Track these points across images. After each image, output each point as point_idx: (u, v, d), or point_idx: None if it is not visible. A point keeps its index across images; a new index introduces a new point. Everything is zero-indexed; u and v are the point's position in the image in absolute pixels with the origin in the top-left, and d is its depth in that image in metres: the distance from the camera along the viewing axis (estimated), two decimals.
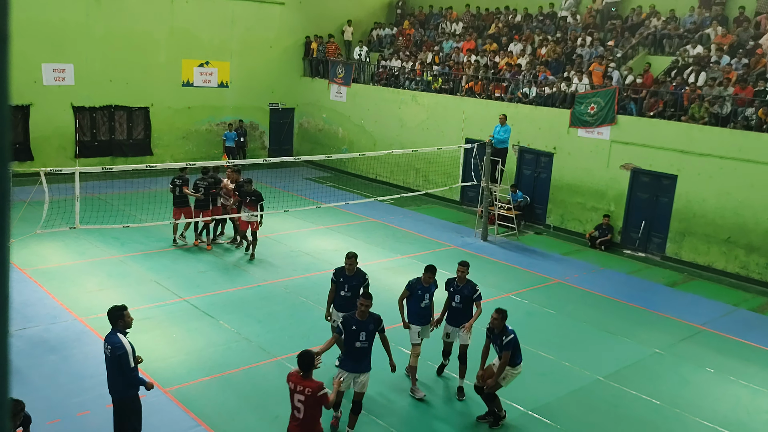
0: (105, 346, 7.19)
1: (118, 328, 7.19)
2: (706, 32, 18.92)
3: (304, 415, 6.66)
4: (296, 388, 6.68)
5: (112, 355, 7.04)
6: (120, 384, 7.17)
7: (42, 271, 13.34)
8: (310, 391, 6.61)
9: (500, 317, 8.63)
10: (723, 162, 15.64)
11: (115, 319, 7.21)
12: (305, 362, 6.70)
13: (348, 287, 9.75)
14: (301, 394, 6.64)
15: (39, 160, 20.74)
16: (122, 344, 7.04)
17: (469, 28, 24.87)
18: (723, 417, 9.56)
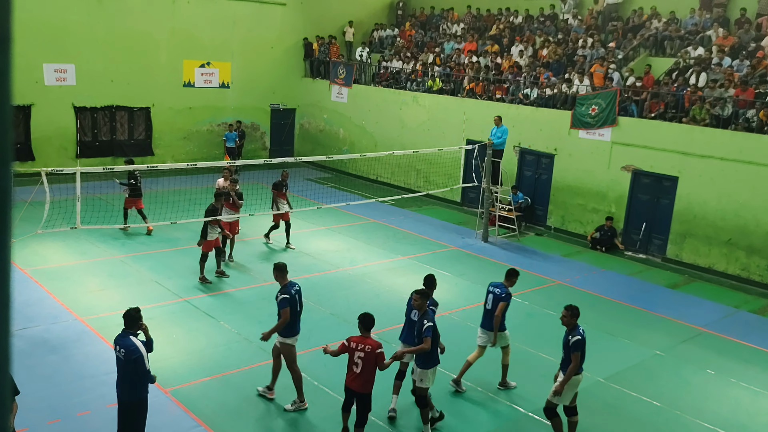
0: (117, 349, 7.07)
1: (131, 330, 7.09)
2: (707, 34, 18.92)
3: (362, 369, 7.76)
4: (357, 346, 7.78)
5: (126, 358, 6.93)
6: (132, 387, 7.08)
7: (43, 271, 13.35)
8: (370, 348, 7.73)
9: (569, 314, 8.16)
10: (724, 164, 15.63)
11: (133, 322, 7.12)
12: (367, 322, 7.87)
13: None
14: (361, 351, 7.74)
15: (40, 160, 20.75)
16: (137, 347, 6.94)
17: (470, 29, 24.89)
18: (724, 419, 9.55)
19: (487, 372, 10.48)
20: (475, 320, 12.37)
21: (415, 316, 8.73)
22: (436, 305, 9.23)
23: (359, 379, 7.80)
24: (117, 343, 7.11)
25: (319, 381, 9.78)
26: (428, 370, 8.34)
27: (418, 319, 8.48)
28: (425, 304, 8.39)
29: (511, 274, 9.81)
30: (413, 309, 8.84)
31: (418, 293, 8.43)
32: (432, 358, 8.35)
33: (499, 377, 10.16)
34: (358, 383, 7.82)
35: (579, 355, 8.05)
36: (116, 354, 7.10)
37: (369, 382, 7.85)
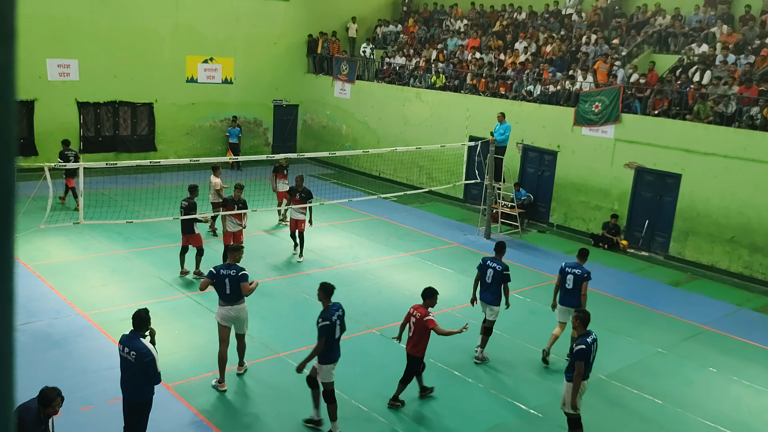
0: (125, 351, 6.97)
1: (141, 332, 7.04)
2: (712, 31, 18.86)
3: (413, 333, 8.74)
4: (414, 312, 8.78)
5: (137, 361, 6.87)
6: (141, 388, 7.06)
7: (46, 266, 13.37)
8: (420, 315, 8.65)
9: (577, 321, 8.13)
10: (727, 161, 15.60)
11: (143, 324, 7.05)
12: (429, 294, 8.81)
13: None
14: (414, 318, 8.73)
15: (43, 156, 20.75)
16: (149, 350, 6.91)
17: (473, 25, 24.84)
18: (725, 417, 9.55)
19: (489, 369, 10.49)
20: (476, 317, 12.38)
21: None
22: None
23: (412, 342, 8.78)
24: (125, 344, 7.01)
25: None
26: (324, 366, 8.21)
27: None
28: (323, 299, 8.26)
29: (583, 254, 10.65)
30: None
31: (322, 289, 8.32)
32: (327, 356, 8.20)
33: (501, 374, 10.16)
34: (409, 346, 8.85)
35: (581, 364, 7.88)
36: (123, 355, 7.02)
37: (417, 347, 8.76)
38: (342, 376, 9.88)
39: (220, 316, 9.17)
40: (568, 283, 10.33)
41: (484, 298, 10.53)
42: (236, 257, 9.32)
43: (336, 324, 8.20)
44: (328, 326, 8.09)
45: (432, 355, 10.71)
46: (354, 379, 9.85)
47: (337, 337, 8.26)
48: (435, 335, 8.82)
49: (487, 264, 10.51)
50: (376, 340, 11.25)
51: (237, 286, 9.02)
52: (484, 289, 10.52)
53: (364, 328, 11.61)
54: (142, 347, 6.89)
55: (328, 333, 8.07)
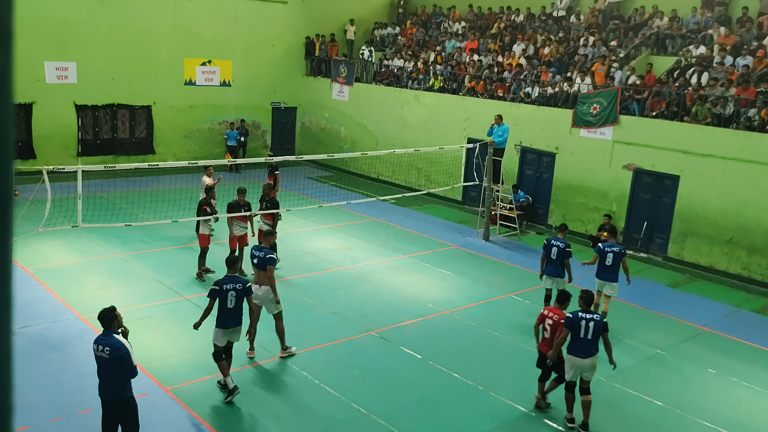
0: (100, 348, 7.02)
1: (112, 329, 7.09)
2: (709, 33, 18.89)
3: (550, 335, 9.04)
4: (548, 314, 9.14)
5: (111, 356, 6.92)
6: (118, 386, 7.08)
7: (44, 270, 13.36)
8: (557, 317, 8.99)
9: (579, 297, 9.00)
10: (725, 163, 15.61)
11: (109, 321, 7.09)
12: (564, 297, 9.23)
13: None
14: (550, 319, 9.07)
15: (41, 159, 20.75)
16: (122, 344, 6.95)
17: (471, 27, 24.87)
18: (724, 418, 9.55)
19: (488, 371, 10.49)
20: (475, 319, 12.40)
21: None
22: None
23: (549, 344, 9.09)
24: (99, 343, 7.04)
25: (320, 380, 9.78)
26: (214, 328, 9.06)
27: None
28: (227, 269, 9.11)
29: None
30: None
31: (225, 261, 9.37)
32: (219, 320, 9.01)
33: (500, 376, 10.16)
34: (544, 345, 9.18)
35: (566, 332, 8.68)
36: (98, 354, 7.03)
37: (551, 345, 9.11)
38: (341, 378, 9.90)
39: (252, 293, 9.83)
40: (608, 260, 11.74)
41: (549, 272, 12.02)
42: (270, 241, 10.42)
43: (228, 293, 8.88)
44: (215, 290, 8.90)
45: (431, 357, 10.72)
46: (354, 381, 9.84)
47: (230, 307, 8.93)
48: None
49: (551, 243, 12.03)
50: (376, 342, 11.24)
51: (263, 267, 9.94)
52: (548, 264, 12.02)
53: (363, 331, 11.60)
54: (115, 341, 6.94)
55: (216, 297, 8.86)
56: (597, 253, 11.91)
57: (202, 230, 13.48)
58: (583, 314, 8.71)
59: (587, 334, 8.62)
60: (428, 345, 11.21)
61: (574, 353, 8.74)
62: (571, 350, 8.75)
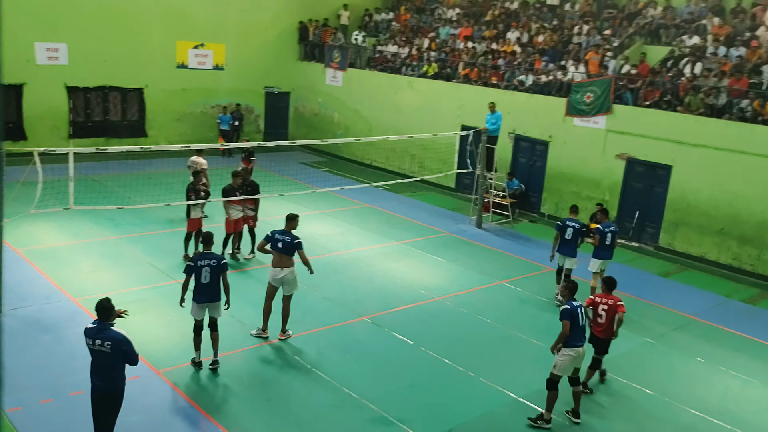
0: (97, 343, 6.75)
1: (109, 321, 6.85)
2: (703, 23, 18.90)
3: (605, 320, 9.41)
4: (601, 300, 9.47)
5: (114, 350, 6.72)
6: (118, 376, 6.92)
7: (36, 252, 13.30)
8: (612, 302, 9.40)
9: (564, 287, 9.10)
10: (718, 153, 15.68)
11: (108, 312, 6.84)
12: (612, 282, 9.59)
13: None
14: (605, 305, 9.42)
15: (32, 140, 20.59)
16: (124, 336, 6.76)
17: (465, 14, 24.77)
18: (712, 406, 9.65)
19: (479, 357, 10.55)
20: (467, 306, 12.45)
21: None
22: None
23: (605, 331, 9.45)
24: (95, 336, 6.77)
25: (312, 364, 9.82)
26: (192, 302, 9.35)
27: None
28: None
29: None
30: None
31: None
32: (194, 295, 9.30)
33: (491, 362, 10.23)
34: (599, 330, 9.50)
35: (567, 324, 8.57)
36: (95, 348, 6.78)
37: (607, 331, 9.46)
38: (333, 362, 9.93)
39: (271, 276, 10.26)
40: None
41: (565, 251, 12.62)
42: (293, 225, 10.38)
43: (201, 269, 9.10)
44: (190, 266, 9.17)
45: (422, 343, 10.77)
46: (345, 366, 9.88)
47: (204, 282, 9.14)
48: None
49: (566, 224, 12.65)
50: (368, 327, 11.27)
51: (292, 251, 10.14)
52: (563, 244, 12.61)
53: (355, 316, 11.63)
54: (116, 335, 6.75)
55: (191, 272, 9.12)
56: (598, 234, 12.48)
57: (193, 214, 13.45)
58: (576, 303, 8.77)
59: (583, 321, 8.74)
60: (420, 331, 11.26)
61: (575, 344, 8.63)
62: (573, 341, 8.60)
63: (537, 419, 8.77)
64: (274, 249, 10.21)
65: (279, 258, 10.20)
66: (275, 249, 10.20)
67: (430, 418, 8.77)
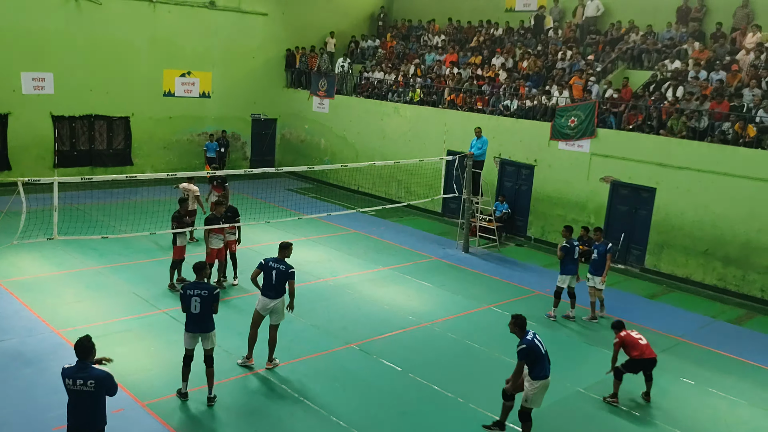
0: (79, 383, 6.48)
1: (89, 359, 6.60)
2: (684, 47, 19.22)
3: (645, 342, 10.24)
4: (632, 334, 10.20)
5: (98, 389, 6.51)
6: (102, 416, 6.71)
7: (18, 283, 13.15)
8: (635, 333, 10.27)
9: (512, 323, 8.73)
10: (701, 175, 15.85)
11: (88, 351, 6.58)
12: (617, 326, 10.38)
13: None
14: (638, 334, 10.23)
15: (17, 170, 20.49)
16: (107, 373, 6.58)
17: (450, 40, 25.05)
18: (702, 428, 9.63)
19: (468, 382, 10.49)
20: (455, 331, 12.41)
21: None
22: None
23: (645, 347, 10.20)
24: (75, 376, 6.49)
25: (300, 393, 9.71)
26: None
27: None
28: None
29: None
30: None
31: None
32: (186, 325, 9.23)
33: (480, 387, 10.16)
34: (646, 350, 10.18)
35: (522, 363, 8.43)
36: (76, 388, 6.50)
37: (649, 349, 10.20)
38: (321, 391, 9.84)
39: (261, 305, 10.17)
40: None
41: (572, 270, 13.28)
42: (285, 254, 10.23)
43: (191, 298, 8.99)
44: (181, 295, 9.09)
45: (411, 369, 10.70)
46: (333, 394, 9.79)
47: (194, 312, 9.04)
48: None
49: (573, 245, 13.28)
50: (356, 355, 11.19)
51: (283, 281, 9.99)
52: (571, 263, 13.22)
53: (342, 343, 11.55)
54: (99, 373, 6.54)
55: (184, 303, 9.04)
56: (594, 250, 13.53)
57: (179, 242, 13.38)
58: (533, 335, 8.54)
59: (545, 350, 8.56)
60: (408, 357, 11.19)
61: (543, 375, 8.49)
62: (539, 373, 8.46)
63: None
64: (266, 279, 10.06)
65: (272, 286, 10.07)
66: (267, 279, 10.04)
67: None
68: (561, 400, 10.16)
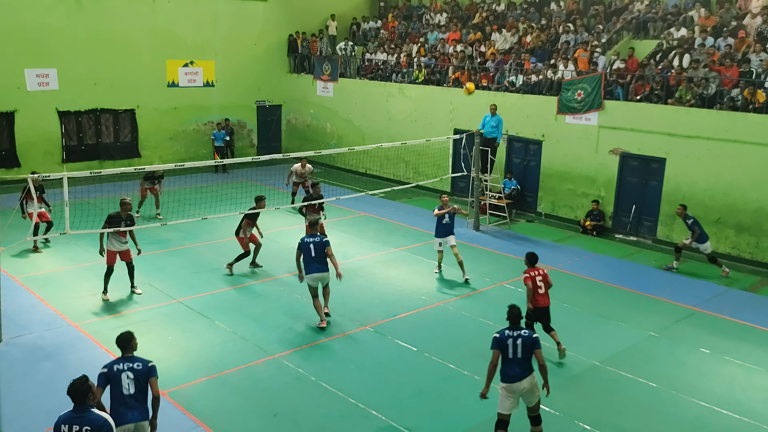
0: (76, 429, 5.94)
1: (87, 403, 6.05)
2: (690, 14, 18.97)
3: (545, 289, 10.53)
4: (536, 273, 10.51)
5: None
6: None
7: (34, 278, 13.27)
8: (544, 272, 10.62)
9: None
10: (710, 143, 15.71)
11: (83, 395, 6.03)
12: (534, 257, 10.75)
13: None
14: (540, 275, 10.52)
15: (26, 167, 20.57)
16: (105, 420, 6.03)
17: (453, 18, 24.84)
18: (720, 397, 9.63)
19: (483, 360, 10.50)
20: (468, 309, 12.44)
21: None
22: None
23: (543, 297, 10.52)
24: (71, 422, 5.97)
25: (316, 376, 9.78)
26: None
27: None
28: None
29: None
30: None
31: None
32: None
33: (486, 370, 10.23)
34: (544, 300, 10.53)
35: (494, 354, 7.75)
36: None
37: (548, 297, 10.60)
38: (338, 373, 9.91)
39: (310, 279, 11.33)
40: None
41: None
42: (316, 229, 11.64)
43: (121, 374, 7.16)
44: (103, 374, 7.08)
45: (426, 349, 10.75)
46: (350, 376, 9.85)
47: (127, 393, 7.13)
48: None
49: None
50: (371, 336, 11.25)
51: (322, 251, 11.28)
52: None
53: (357, 326, 11.60)
54: (96, 418, 5.97)
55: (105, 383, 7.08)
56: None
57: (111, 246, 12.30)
58: (515, 333, 7.82)
59: (516, 353, 7.74)
60: (423, 337, 11.24)
61: (505, 378, 7.80)
62: (503, 375, 7.81)
63: None
64: (306, 256, 11.26)
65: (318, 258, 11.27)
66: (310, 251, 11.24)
67: (437, 425, 8.74)
68: (577, 374, 10.18)
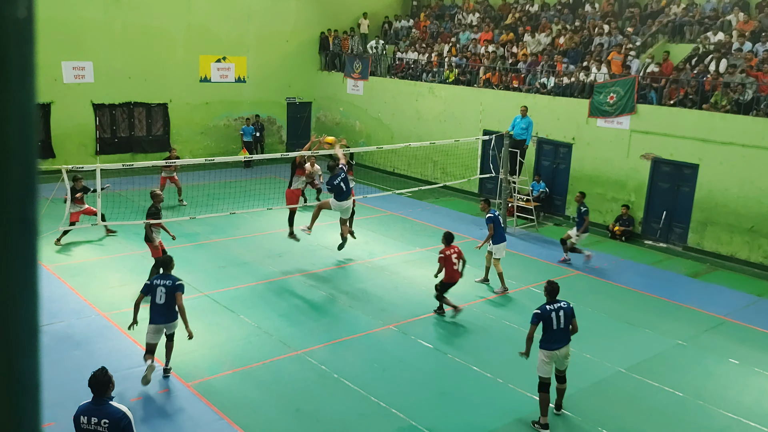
0: (93, 421, 5.90)
1: (106, 395, 6.07)
2: (728, 18, 18.63)
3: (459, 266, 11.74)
4: (451, 252, 11.63)
5: (112, 429, 5.89)
6: None
7: (65, 267, 13.52)
8: (459, 249, 11.82)
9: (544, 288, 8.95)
10: (745, 150, 15.42)
11: (104, 386, 6.04)
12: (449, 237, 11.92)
13: None
14: (454, 253, 11.63)
15: (60, 158, 20.95)
16: (124, 413, 5.97)
17: (485, 17, 24.72)
18: (747, 408, 9.46)
19: (507, 363, 10.46)
20: (493, 312, 12.38)
21: None
22: None
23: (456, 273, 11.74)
24: (90, 414, 5.93)
25: (339, 374, 9.82)
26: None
27: None
28: None
29: None
30: None
31: None
32: (150, 316, 9.29)
33: (518, 369, 10.16)
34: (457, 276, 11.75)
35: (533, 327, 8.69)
36: (89, 428, 5.93)
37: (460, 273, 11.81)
38: (361, 371, 9.93)
39: (336, 206, 13.29)
40: None
41: None
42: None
43: (156, 288, 9.10)
44: (147, 285, 9.26)
45: (449, 350, 10.72)
46: (372, 375, 9.87)
47: (158, 303, 9.10)
48: None
49: None
50: (394, 336, 11.26)
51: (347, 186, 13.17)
52: None
53: (381, 325, 11.62)
54: (114, 411, 5.94)
55: (147, 291, 9.16)
56: None
57: None
58: (554, 307, 8.66)
59: (559, 324, 8.61)
60: (447, 338, 11.22)
61: (548, 347, 8.64)
62: (545, 345, 8.65)
63: (535, 423, 8.76)
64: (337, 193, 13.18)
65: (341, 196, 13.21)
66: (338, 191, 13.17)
67: (458, 426, 8.72)
68: (602, 380, 10.08)
